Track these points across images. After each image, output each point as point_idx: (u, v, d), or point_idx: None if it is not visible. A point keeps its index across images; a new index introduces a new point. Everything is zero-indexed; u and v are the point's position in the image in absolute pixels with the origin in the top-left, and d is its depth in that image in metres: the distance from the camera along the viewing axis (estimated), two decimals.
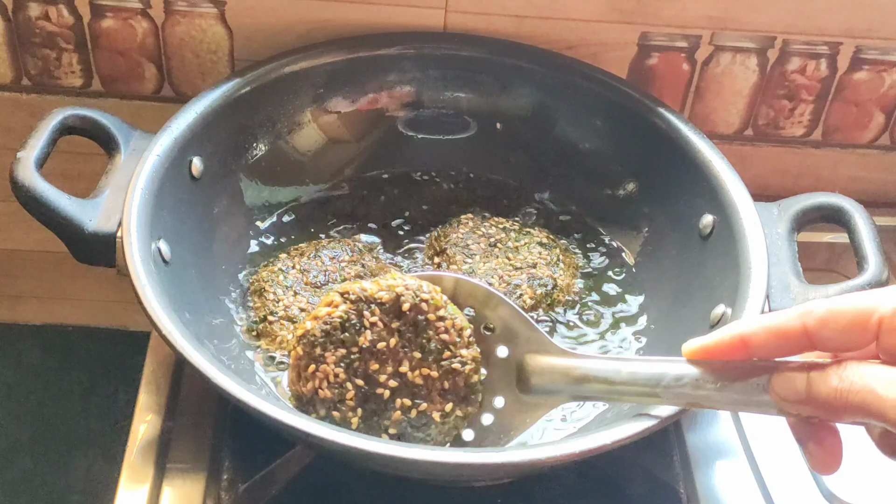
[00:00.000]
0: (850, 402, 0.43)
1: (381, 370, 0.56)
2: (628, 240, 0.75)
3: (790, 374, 0.46)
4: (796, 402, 0.46)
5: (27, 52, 0.79)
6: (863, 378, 0.43)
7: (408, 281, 0.57)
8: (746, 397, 0.48)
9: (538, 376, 0.56)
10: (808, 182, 0.87)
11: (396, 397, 0.56)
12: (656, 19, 0.78)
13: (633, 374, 0.52)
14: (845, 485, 0.63)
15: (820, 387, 0.44)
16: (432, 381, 0.56)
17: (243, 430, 0.64)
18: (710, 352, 0.49)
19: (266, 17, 0.77)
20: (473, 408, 0.57)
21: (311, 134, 0.77)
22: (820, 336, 0.45)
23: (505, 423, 0.58)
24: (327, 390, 0.55)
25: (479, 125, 0.80)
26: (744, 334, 0.47)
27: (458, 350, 0.56)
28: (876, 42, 0.79)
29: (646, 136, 0.73)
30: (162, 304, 0.57)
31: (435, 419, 0.56)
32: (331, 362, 0.55)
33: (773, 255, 0.64)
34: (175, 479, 0.62)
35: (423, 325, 0.56)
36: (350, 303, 0.56)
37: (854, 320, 0.44)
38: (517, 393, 0.57)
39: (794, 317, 0.46)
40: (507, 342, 0.58)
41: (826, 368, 0.45)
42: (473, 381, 0.57)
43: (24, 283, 0.96)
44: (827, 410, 0.45)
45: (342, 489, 0.63)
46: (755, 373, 0.47)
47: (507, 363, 0.57)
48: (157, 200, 0.63)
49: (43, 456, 1.03)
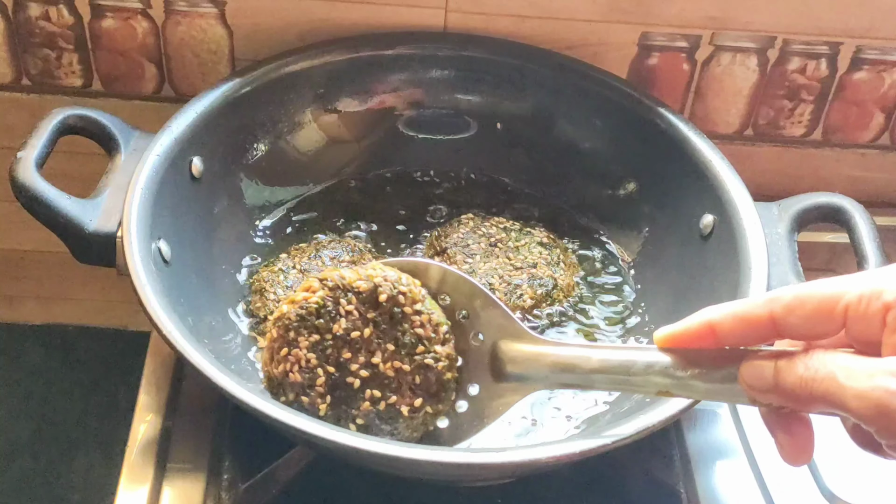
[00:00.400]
0: (814, 391, 0.42)
1: (353, 359, 0.56)
2: (628, 240, 0.75)
3: (759, 363, 0.45)
4: (765, 391, 0.44)
5: (27, 52, 0.79)
6: (826, 366, 0.42)
7: (387, 272, 0.57)
8: (717, 385, 0.47)
9: (511, 363, 0.56)
10: (808, 182, 0.87)
11: (366, 388, 0.56)
12: (656, 19, 0.78)
13: (603, 360, 0.52)
14: (845, 485, 0.63)
15: (787, 376, 0.43)
16: (403, 375, 0.56)
17: (243, 430, 0.64)
18: (679, 339, 0.48)
19: (266, 17, 0.77)
20: (445, 406, 0.57)
21: (311, 134, 0.77)
22: (786, 323, 0.44)
23: (479, 410, 0.57)
24: (298, 374, 0.55)
25: (479, 125, 0.80)
26: (712, 321, 0.46)
27: (433, 346, 0.56)
28: (876, 42, 0.79)
29: (646, 136, 0.73)
30: (162, 304, 0.57)
31: (403, 413, 0.56)
32: (303, 347, 0.56)
33: (773, 255, 0.64)
34: (175, 479, 0.62)
35: (398, 317, 0.56)
36: (328, 289, 0.56)
37: (819, 307, 0.43)
38: (491, 380, 0.57)
39: (762, 303, 0.44)
40: (481, 328, 0.57)
41: (794, 357, 0.43)
42: (446, 378, 0.56)
43: (24, 283, 0.96)
44: (794, 400, 0.44)
45: (342, 489, 0.63)
46: (726, 361, 0.47)
47: (481, 350, 0.57)
48: (157, 200, 0.63)
49: (43, 456, 1.03)
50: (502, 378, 0.57)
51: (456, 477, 0.61)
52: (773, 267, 0.63)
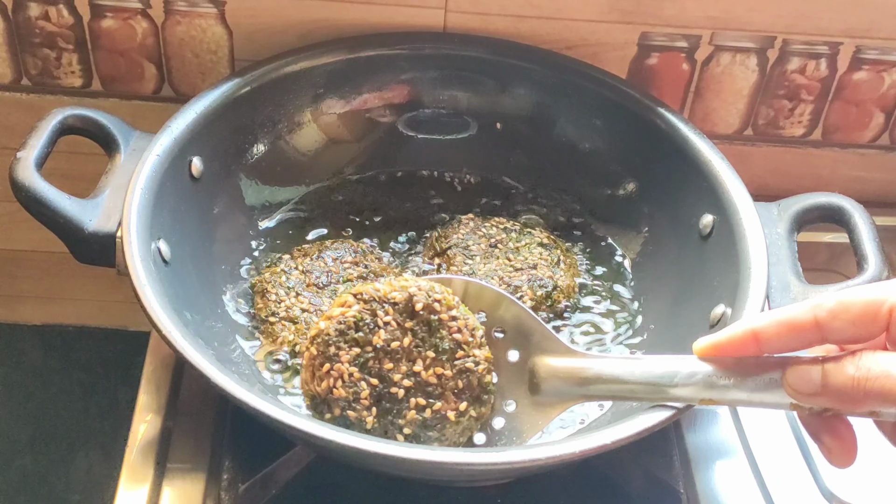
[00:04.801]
0: (869, 389, 0.44)
1: (395, 369, 0.56)
2: (628, 240, 0.75)
3: (805, 367, 0.46)
4: (812, 395, 0.46)
5: (27, 52, 0.79)
6: (879, 365, 0.44)
7: (420, 282, 0.57)
8: (759, 393, 0.48)
9: (550, 378, 0.56)
10: (808, 182, 0.87)
11: (411, 396, 0.56)
12: (656, 19, 0.78)
13: (646, 372, 0.53)
14: (845, 485, 0.63)
15: (837, 377, 0.45)
16: (446, 381, 0.56)
17: (243, 430, 0.64)
18: (721, 348, 0.49)
19: (266, 17, 0.77)
20: (486, 408, 0.57)
21: (311, 134, 0.77)
22: (831, 328, 0.45)
23: (517, 427, 0.58)
24: (342, 389, 0.55)
25: (479, 125, 0.80)
26: (756, 329, 0.48)
27: (471, 350, 0.57)
28: (876, 42, 0.79)
29: (646, 136, 0.73)
30: (162, 304, 0.57)
31: (450, 418, 0.56)
32: (345, 361, 0.56)
33: (773, 255, 0.64)
34: (175, 479, 0.62)
35: (435, 324, 0.57)
36: (363, 303, 0.56)
37: (864, 310, 0.45)
38: (529, 395, 0.57)
39: (806, 310, 0.46)
40: (518, 345, 0.58)
41: (841, 359, 0.45)
42: (486, 380, 0.57)
43: (24, 283, 0.96)
44: (844, 400, 0.45)
45: (342, 489, 0.63)
46: (768, 368, 0.48)
47: (518, 366, 0.58)
48: (157, 200, 0.63)
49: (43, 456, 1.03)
50: (540, 393, 0.57)
51: (456, 477, 0.61)
52: (772, 267, 0.63)
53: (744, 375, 0.49)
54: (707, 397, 0.50)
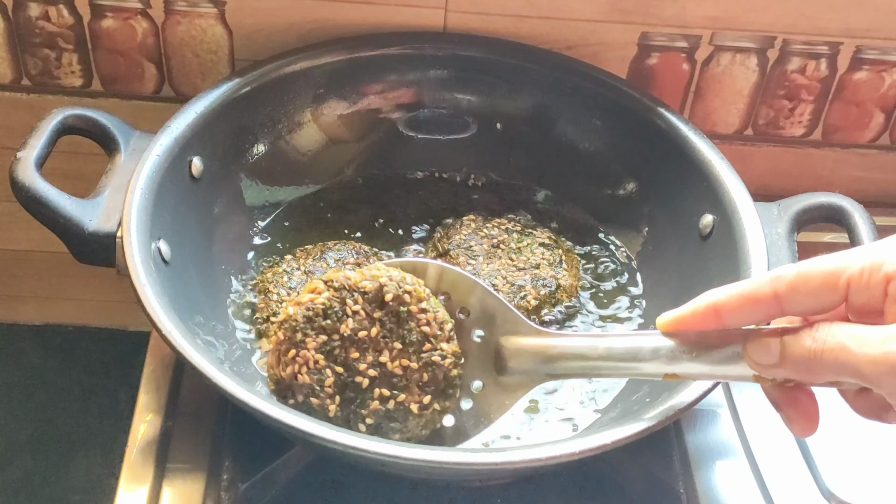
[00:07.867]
0: (825, 360, 0.44)
1: (361, 359, 0.56)
2: (628, 240, 0.75)
3: (764, 340, 0.47)
4: (772, 367, 0.46)
5: (27, 52, 0.79)
6: (835, 336, 0.44)
7: (391, 272, 0.57)
8: (722, 366, 0.48)
9: (515, 357, 0.56)
10: (808, 182, 0.87)
11: (375, 387, 0.56)
12: (656, 19, 0.78)
13: (609, 349, 0.53)
14: (845, 485, 0.63)
15: (794, 348, 0.45)
16: (411, 373, 0.56)
17: (243, 430, 0.64)
18: (683, 322, 0.49)
19: (266, 17, 0.77)
20: (451, 402, 0.57)
21: (311, 134, 0.77)
22: (791, 300, 0.46)
23: (484, 407, 0.58)
24: (306, 376, 0.55)
25: (479, 125, 0.80)
26: (716, 303, 0.48)
27: (439, 343, 0.56)
28: (876, 42, 0.79)
29: (646, 136, 0.73)
30: (162, 304, 0.57)
31: (413, 411, 0.56)
32: (311, 348, 0.56)
33: (773, 255, 0.64)
34: (175, 479, 0.62)
35: (404, 316, 0.56)
36: (333, 290, 0.56)
37: (824, 281, 0.45)
38: (495, 375, 0.57)
39: (766, 282, 0.46)
40: (483, 325, 0.58)
41: (799, 331, 0.45)
42: (452, 374, 0.57)
43: (24, 283, 0.96)
44: (802, 372, 0.45)
45: (342, 489, 0.63)
46: (729, 341, 0.48)
47: (484, 346, 0.58)
48: (157, 200, 0.63)
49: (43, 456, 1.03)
50: (506, 373, 0.57)
51: (456, 477, 0.61)
52: (772, 267, 0.63)
53: (706, 349, 0.49)
54: (671, 371, 0.50)
